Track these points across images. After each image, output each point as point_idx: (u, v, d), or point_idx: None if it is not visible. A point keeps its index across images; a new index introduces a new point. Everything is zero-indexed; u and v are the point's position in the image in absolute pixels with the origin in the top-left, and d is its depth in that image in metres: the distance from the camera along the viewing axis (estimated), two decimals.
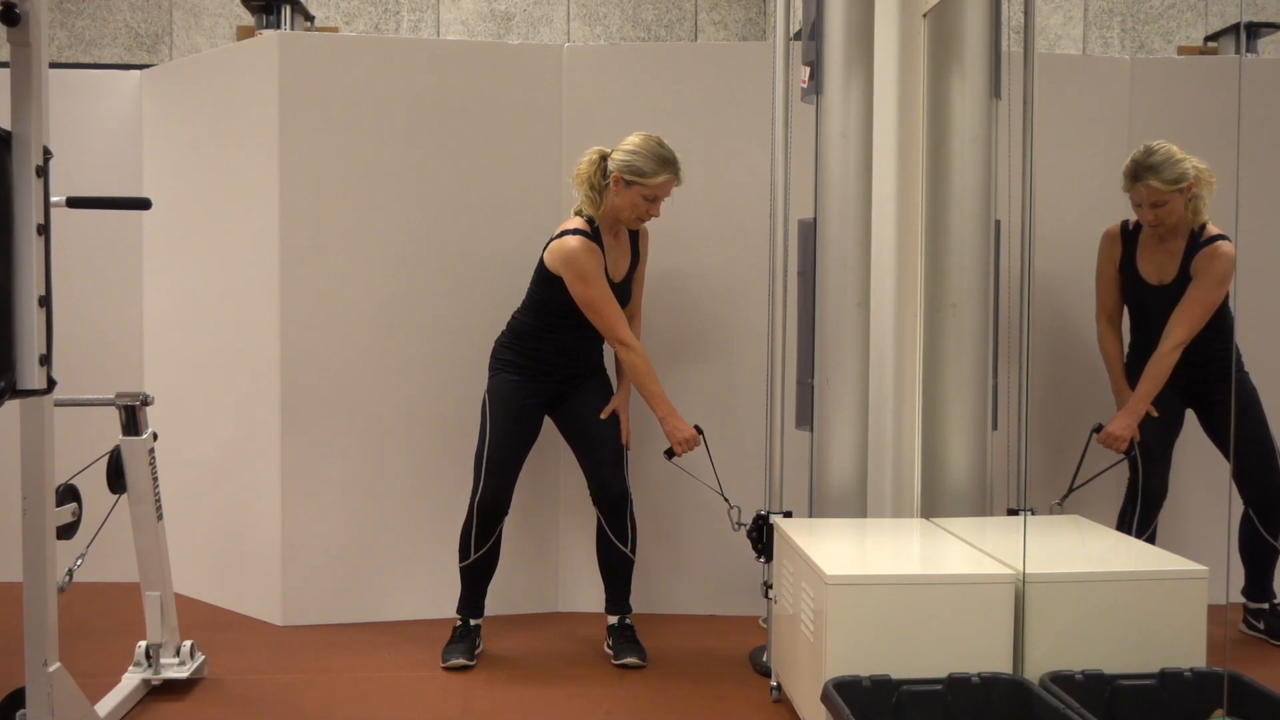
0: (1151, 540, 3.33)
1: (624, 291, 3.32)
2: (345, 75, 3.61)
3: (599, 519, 3.32)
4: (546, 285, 3.24)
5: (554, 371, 3.32)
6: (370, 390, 3.66)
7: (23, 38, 2.01)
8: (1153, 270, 3.41)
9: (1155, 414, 3.37)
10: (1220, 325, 3.36)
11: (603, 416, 3.32)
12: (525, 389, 3.29)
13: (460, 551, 3.28)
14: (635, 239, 3.36)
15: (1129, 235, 3.46)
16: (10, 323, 2.00)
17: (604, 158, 3.21)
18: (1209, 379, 3.40)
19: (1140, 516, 3.38)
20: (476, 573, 3.29)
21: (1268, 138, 3.67)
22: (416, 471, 3.70)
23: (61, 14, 7.21)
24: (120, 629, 3.52)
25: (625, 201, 3.18)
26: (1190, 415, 3.49)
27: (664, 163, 3.16)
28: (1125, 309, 3.53)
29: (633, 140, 3.18)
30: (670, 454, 3.28)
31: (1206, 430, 3.48)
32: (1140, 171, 3.28)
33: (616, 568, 3.35)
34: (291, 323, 3.60)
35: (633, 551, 3.34)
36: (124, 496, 2.90)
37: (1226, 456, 3.43)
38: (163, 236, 4.01)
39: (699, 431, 3.29)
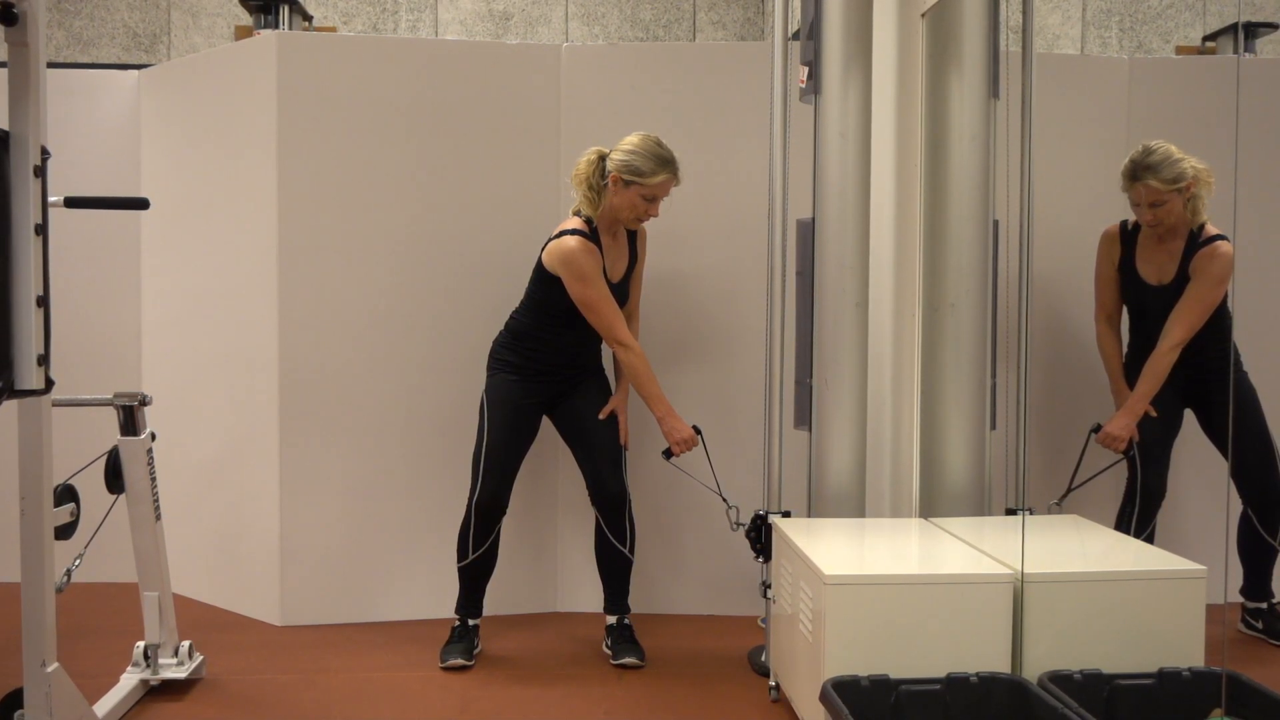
0: (1150, 540, 3.33)
1: (622, 292, 3.32)
2: (343, 75, 3.60)
3: (597, 519, 3.32)
4: (544, 285, 3.24)
5: (552, 372, 3.32)
6: (369, 390, 3.66)
7: (20, 37, 2.01)
8: (1152, 271, 3.41)
9: (1154, 414, 3.37)
10: (1219, 325, 3.36)
11: (601, 417, 3.32)
12: (523, 389, 3.29)
13: (458, 552, 3.28)
14: (633, 239, 3.36)
15: (1128, 235, 3.46)
16: (8, 323, 2.00)
17: (602, 158, 3.21)
18: (1208, 379, 3.40)
19: (1139, 516, 3.38)
20: (475, 573, 3.29)
21: (1266, 137, 3.67)
22: (415, 471, 3.70)
23: (59, 14, 7.20)
24: (118, 629, 3.52)
25: (624, 201, 3.17)
26: (1189, 416, 3.49)
27: (663, 162, 3.15)
28: (1124, 309, 3.53)
29: (631, 140, 3.18)
30: (668, 454, 3.28)
31: (1206, 430, 3.48)
32: (1139, 171, 3.28)
33: (615, 568, 3.35)
34: (290, 322, 3.60)
35: (631, 552, 3.34)
36: (122, 497, 2.90)
37: (1226, 456, 3.43)
38: (161, 236, 4.01)
39: (697, 432, 3.29)
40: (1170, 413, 3.42)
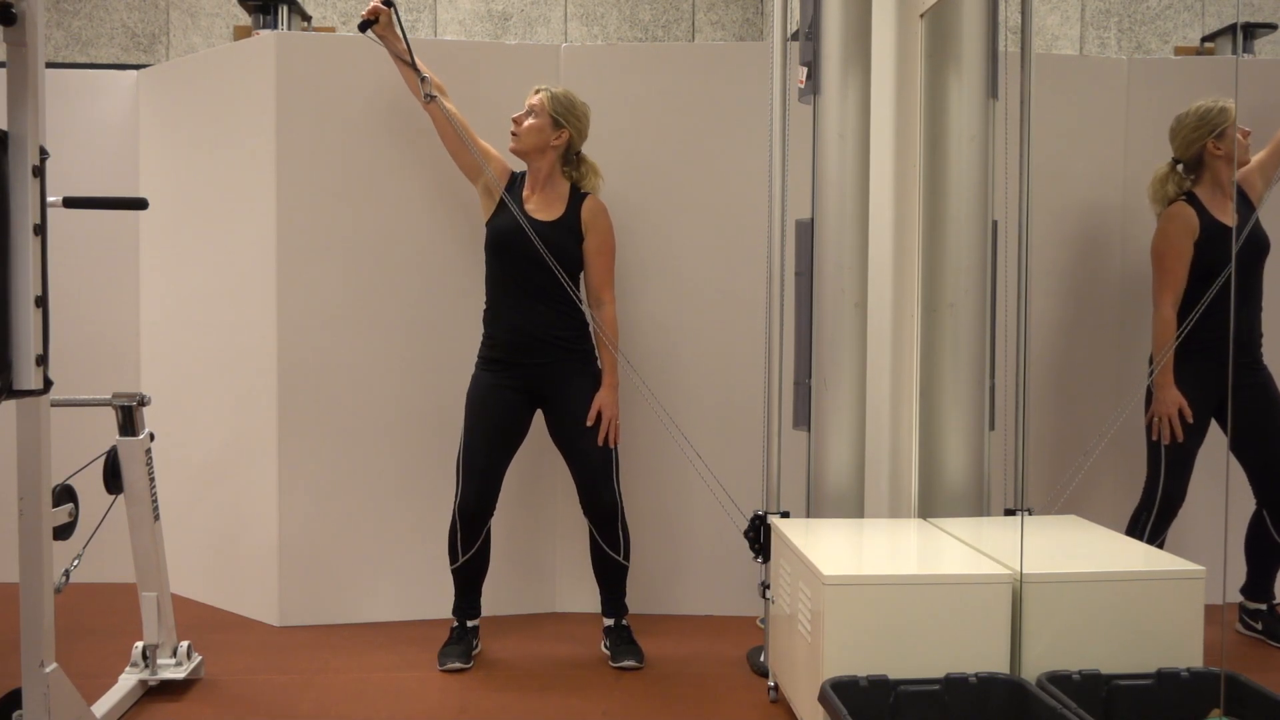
0: (1160, 548, 3.31)
1: (552, 238, 3.21)
2: (342, 75, 3.61)
3: (590, 528, 3.30)
4: (484, 238, 3.29)
5: (521, 359, 3.24)
6: (367, 390, 3.66)
7: (19, 37, 2.00)
8: (1229, 216, 3.36)
9: (1191, 420, 3.34)
10: (1248, 330, 3.34)
11: (589, 423, 3.24)
12: (497, 382, 3.25)
13: (449, 555, 3.28)
14: (576, 203, 3.29)
15: (1196, 202, 3.38)
16: (7, 323, 2.00)
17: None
18: (1235, 383, 3.37)
19: (1154, 523, 3.35)
20: (467, 575, 3.29)
21: (1264, 138, 3.67)
22: (414, 471, 3.70)
23: (58, 14, 7.20)
24: (117, 629, 3.52)
25: None
26: (1213, 426, 3.45)
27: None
28: (1191, 286, 3.42)
29: None
30: (365, 26, 3.27)
31: (1232, 438, 3.42)
32: (1225, 100, 3.37)
33: (610, 575, 3.34)
34: (289, 323, 3.60)
35: (626, 559, 3.32)
36: (121, 497, 2.89)
37: (1241, 460, 3.40)
38: (159, 237, 4.01)
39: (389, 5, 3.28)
40: (1201, 419, 3.40)
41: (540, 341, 3.24)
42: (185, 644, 3.06)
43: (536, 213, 3.25)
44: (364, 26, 3.26)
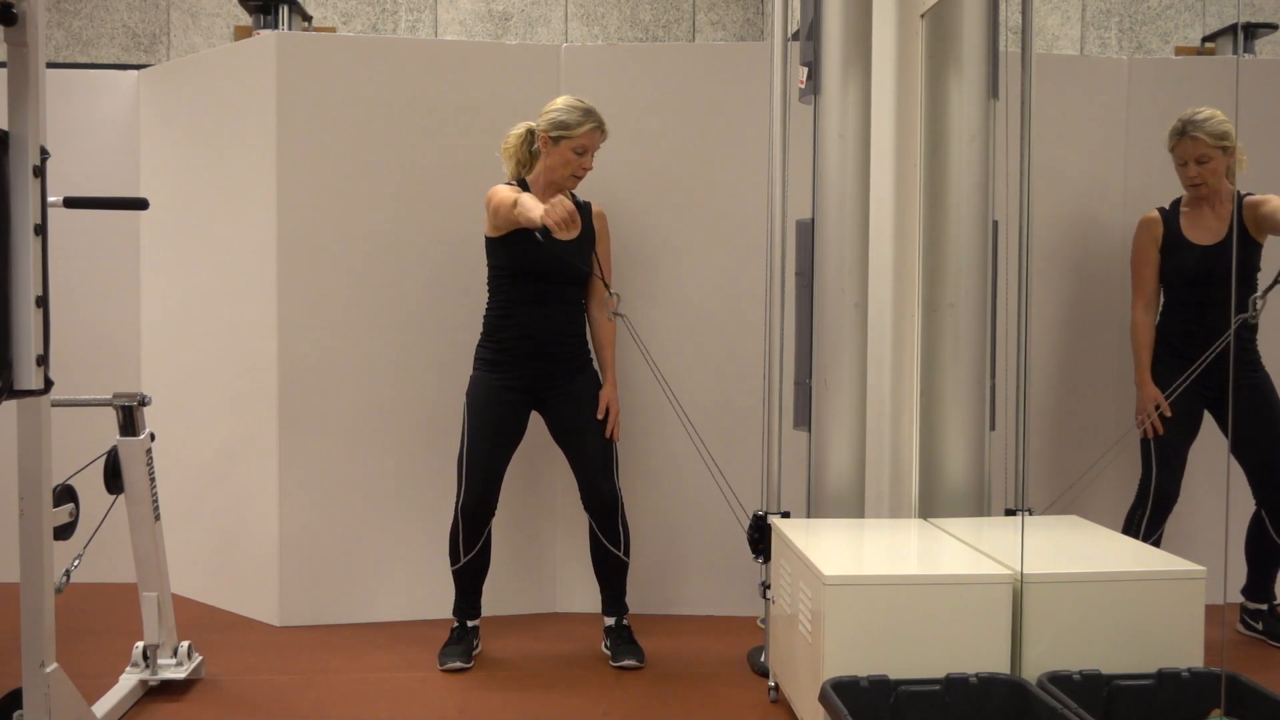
0: (1157, 545, 3.32)
1: (577, 255, 3.23)
2: (343, 75, 3.61)
3: (591, 524, 3.30)
4: (492, 255, 3.25)
5: (527, 362, 3.25)
6: (368, 391, 3.66)
7: (20, 37, 2.00)
8: (1202, 234, 3.39)
9: (1169, 414, 3.35)
10: (1244, 326, 3.35)
11: (599, 416, 3.29)
12: (500, 383, 3.26)
13: (450, 555, 3.28)
14: (586, 214, 3.32)
15: (1169, 214, 3.45)
16: (7, 323, 2.00)
17: (531, 132, 3.29)
18: (1230, 381, 3.38)
19: (1149, 520, 3.36)
20: (468, 576, 3.29)
21: (1265, 138, 3.67)
22: (415, 471, 3.70)
23: (59, 14, 7.20)
24: (117, 630, 3.52)
25: (557, 159, 3.21)
26: (1207, 420, 3.46)
27: (586, 114, 3.20)
28: (1164, 293, 3.49)
29: (555, 102, 3.24)
30: (547, 234, 2.88)
31: (1224, 430, 3.45)
32: (1188, 127, 3.33)
33: (611, 571, 3.34)
34: (289, 323, 3.60)
35: (626, 555, 3.33)
36: (121, 497, 2.89)
37: (1240, 461, 3.40)
38: (160, 237, 4.01)
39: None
40: (1189, 415, 3.40)
41: (551, 344, 3.26)
42: (186, 644, 3.06)
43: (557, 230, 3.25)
44: (547, 234, 2.85)
